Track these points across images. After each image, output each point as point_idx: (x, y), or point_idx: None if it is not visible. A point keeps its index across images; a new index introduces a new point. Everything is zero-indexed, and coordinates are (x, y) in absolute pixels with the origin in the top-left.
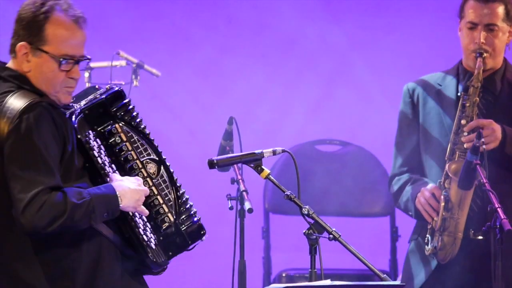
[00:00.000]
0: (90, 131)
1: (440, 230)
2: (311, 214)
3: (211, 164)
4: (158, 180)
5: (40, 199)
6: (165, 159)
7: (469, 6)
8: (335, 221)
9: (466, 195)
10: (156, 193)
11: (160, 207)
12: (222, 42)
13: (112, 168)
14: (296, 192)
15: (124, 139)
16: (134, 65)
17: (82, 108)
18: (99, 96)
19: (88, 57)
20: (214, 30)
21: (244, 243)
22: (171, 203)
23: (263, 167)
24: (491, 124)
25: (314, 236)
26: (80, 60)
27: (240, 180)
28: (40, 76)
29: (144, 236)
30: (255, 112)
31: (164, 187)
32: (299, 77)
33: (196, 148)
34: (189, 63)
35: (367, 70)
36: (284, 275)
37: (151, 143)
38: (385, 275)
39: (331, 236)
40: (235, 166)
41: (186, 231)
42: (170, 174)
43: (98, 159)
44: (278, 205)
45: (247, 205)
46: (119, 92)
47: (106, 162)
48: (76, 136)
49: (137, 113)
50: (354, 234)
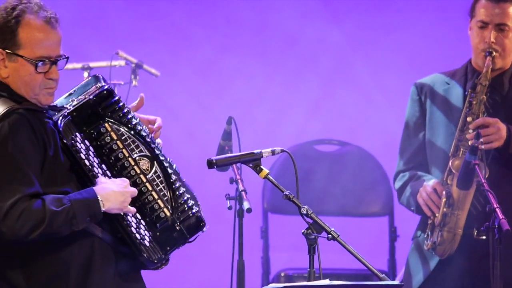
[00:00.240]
0: (78, 134)
1: (440, 226)
2: (309, 214)
3: (210, 164)
4: (152, 176)
5: (19, 207)
6: (158, 154)
7: (480, 5)
8: (333, 221)
9: (468, 192)
10: (150, 189)
11: (155, 202)
12: (221, 42)
13: (102, 169)
14: (295, 192)
15: (115, 138)
16: (133, 65)
17: (70, 111)
18: (88, 96)
19: (66, 55)
20: (213, 30)
21: (242, 243)
22: (166, 198)
23: (262, 167)
24: (497, 123)
25: (313, 236)
26: (57, 60)
27: (239, 180)
28: (18, 81)
29: (137, 234)
30: (254, 112)
31: (159, 182)
32: (298, 77)
33: (195, 148)
34: (188, 63)
35: (367, 70)
36: (282, 274)
37: (144, 139)
38: (383, 275)
39: (330, 236)
40: (234, 166)
41: (183, 225)
42: (164, 169)
43: (86, 161)
44: (277, 205)
45: (246, 204)
46: (107, 91)
47: (95, 164)
48: (61, 140)
49: (128, 110)
50: (353, 234)
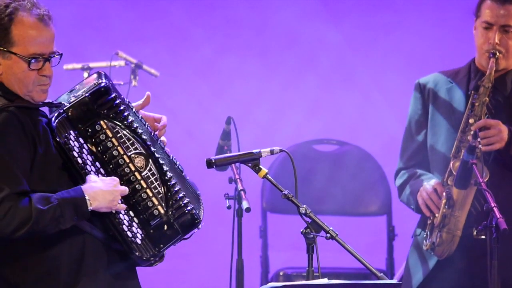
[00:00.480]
0: (72, 131)
1: (439, 226)
2: (308, 213)
3: (209, 164)
4: (147, 173)
5: (6, 204)
6: (154, 152)
7: (486, 6)
8: (332, 220)
9: (467, 194)
10: (145, 186)
11: (149, 200)
12: (221, 42)
13: (96, 166)
14: (294, 192)
15: (110, 135)
16: (132, 65)
17: (65, 108)
18: (84, 93)
19: (59, 52)
20: (212, 30)
21: (242, 242)
22: (161, 195)
23: (260, 166)
24: (498, 125)
25: (312, 235)
26: (50, 57)
27: (238, 180)
28: (12, 78)
29: (128, 232)
30: (253, 112)
31: (153, 180)
32: (298, 77)
33: (194, 148)
34: (187, 63)
35: (366, 70)
36: (281, 274)
37: (140, 137)
38: (381, 273)
39: (328, 235)
40: (233, 165)
41: (178, 222)
42: (160, 166)
43: (78, 159)
44: (276, 204)
45: (245, 204)
46: (103, 89)
47: (88, 161)
48: (54, 138)
49: (124, 107)
50: (351, 233)
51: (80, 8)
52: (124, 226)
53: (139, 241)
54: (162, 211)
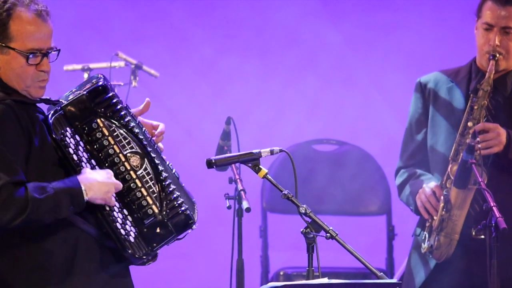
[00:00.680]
0: (68, 128)
1: (437, 230)
2: (308, 213)
3: (209, 164)
4: (142, 172)
5: (2, 194)
6: (150, 152)
7: (487, 7)
8: (332, 220)
9: (466, 197)
10: (140, 185)
11: (143, 199)
12: (220, 43)
13: (91, 164)
14: (294, 191)
15: (106, 134)
16: (132, 66)
17: (63, 105)
18: (82, 91)
19: (57, 48)
20: (212, 31)
21: (242, 242)
22: (155, 195)
23: (260, 166)
24: (497, 128)
25: (312, 235)
26: (48, 52)
27: (238, 180)
28: (10, 73)
29: (121, 230)
30: (253, 112)
31: (148, 179)
32: (297, 77)
33: (194, 148)
34: (187, 63)
35: (366, 70)
36: (281, 273)
37: (136, 136)
38: (381, 273)
39: (328, 234)
40: (233, 165)
41: (171, 222)
42: (155, 166)
43: (74, 156)
44: (276, 204)
45: (245, 204)
46: (101, 87)
47: (84, 158)
48: (50, 135)
49: (121, 106)
50: (351, 233)
51: (80, 8)
52: (118, 224)
53: (132, 239)
54: (156, 210)
